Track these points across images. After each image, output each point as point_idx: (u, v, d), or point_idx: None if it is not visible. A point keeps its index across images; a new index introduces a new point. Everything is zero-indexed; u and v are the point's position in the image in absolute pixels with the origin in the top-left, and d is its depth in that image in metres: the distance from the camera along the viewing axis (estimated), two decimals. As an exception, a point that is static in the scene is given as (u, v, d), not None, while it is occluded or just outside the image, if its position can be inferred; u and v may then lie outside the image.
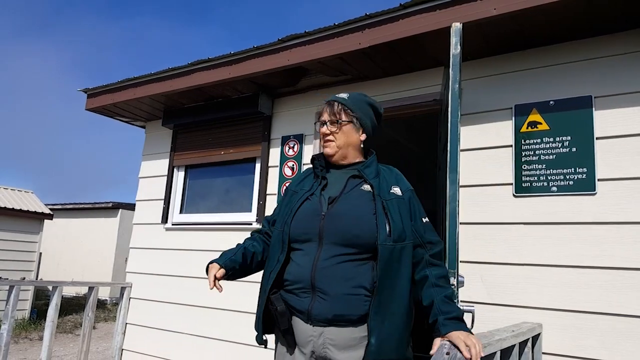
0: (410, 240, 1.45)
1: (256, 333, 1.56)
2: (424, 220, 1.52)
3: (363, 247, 1.40)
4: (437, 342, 1.29)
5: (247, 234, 3.48)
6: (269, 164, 3.55)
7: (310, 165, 1.68)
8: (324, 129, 1.59)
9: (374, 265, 1.40)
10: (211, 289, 1.55)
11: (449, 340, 1.27)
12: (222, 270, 1.56)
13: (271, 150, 3.57)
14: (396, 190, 1.51)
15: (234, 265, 1.60)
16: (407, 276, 1.42)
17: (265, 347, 1.54)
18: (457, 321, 1.33)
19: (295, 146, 3.44)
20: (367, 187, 1.50)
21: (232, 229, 3.62)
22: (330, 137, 1.58)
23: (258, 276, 3.60)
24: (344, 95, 1.63)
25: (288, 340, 1.45)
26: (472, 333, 1.31)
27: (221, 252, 1.67)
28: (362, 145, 1.62)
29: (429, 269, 1.44)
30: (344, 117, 1.58)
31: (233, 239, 3.56)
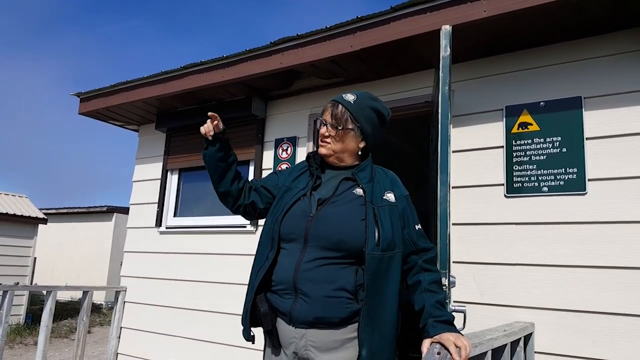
0: (400, 249, 1.43)
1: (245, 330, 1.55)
2: (417, 227, 1.50)
3: (347, 251, 1.39)
4: (427, 342, 1.29)
5: (241, 237, 3.51)
6: (263, 167, 3.56)
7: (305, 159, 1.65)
8: (323, 130, 1.54)
9: (357, 269, 1.39)
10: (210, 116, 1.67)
11: (439, 342, 1.28)
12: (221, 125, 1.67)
13: (265, 152, 3.58)
14: (390, 196, 1.49)
15: (229, 144, 1.70)
16: (395, 285, 1.41)
17: (253, 342, 1.52)
18: (447, 324, 1.33)
19: (289, 148, 3.45)
20: (359, 191, 1.48)
21: (226, 232, 3.62)
22: (328, 140, 1.53)
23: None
24: (350, 98, 1.54)
25: (273, 341, 1.45)
26: (462, 334, 1.31)
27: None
28: (360, 152, 1.58)
29: (422, 274, 1.44)
30: (345, 125, 1.51)
31: (227, 242, 3.59)
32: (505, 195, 2.54)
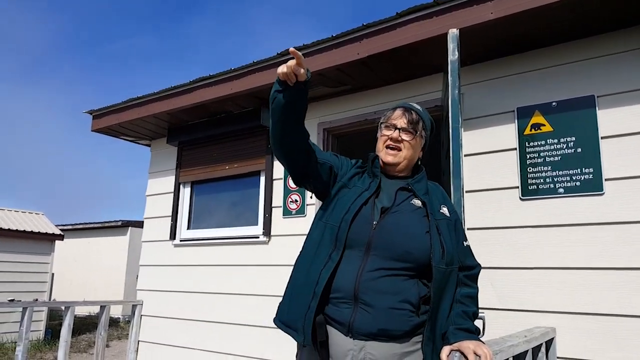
0: (457, 264, 1.41)
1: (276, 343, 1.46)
2: (465, 244, 1.49)
3: (413, 263, 1.34)
4: (446, 350, 1.26)
5: (254, 247, 3.51)
6: (274, 177, 3.56)
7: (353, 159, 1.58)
8: (396, 134, 1.49)
9: (417, 281, 1.35)
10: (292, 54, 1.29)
11: (459, 350, 1.25)
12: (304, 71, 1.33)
13: (275, 163, 3.58)
14: (445, 210, 1.47)
15: (307, 91, 1.40)
16: (450, 300, 1.39)
17: (317, 346, 1.37)
18: (467, 332, 1.31)
19: (299, 158, 3.44)
20: (417, 202, 1.44)
21: (239, 243, 3.62)
22: (400, 146, 1.49)
23: (269, 290, 3.54)
24: (418, 107, 1.56)
25: (322, 354, 1.36)
26: (482, 342, 1.29)
27: None
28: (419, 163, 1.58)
29: (460, 287, 1.42)
30: (420, 131, 1.51)
31: (240, 253, 3.59)
32: (520, 198, 2.50)
